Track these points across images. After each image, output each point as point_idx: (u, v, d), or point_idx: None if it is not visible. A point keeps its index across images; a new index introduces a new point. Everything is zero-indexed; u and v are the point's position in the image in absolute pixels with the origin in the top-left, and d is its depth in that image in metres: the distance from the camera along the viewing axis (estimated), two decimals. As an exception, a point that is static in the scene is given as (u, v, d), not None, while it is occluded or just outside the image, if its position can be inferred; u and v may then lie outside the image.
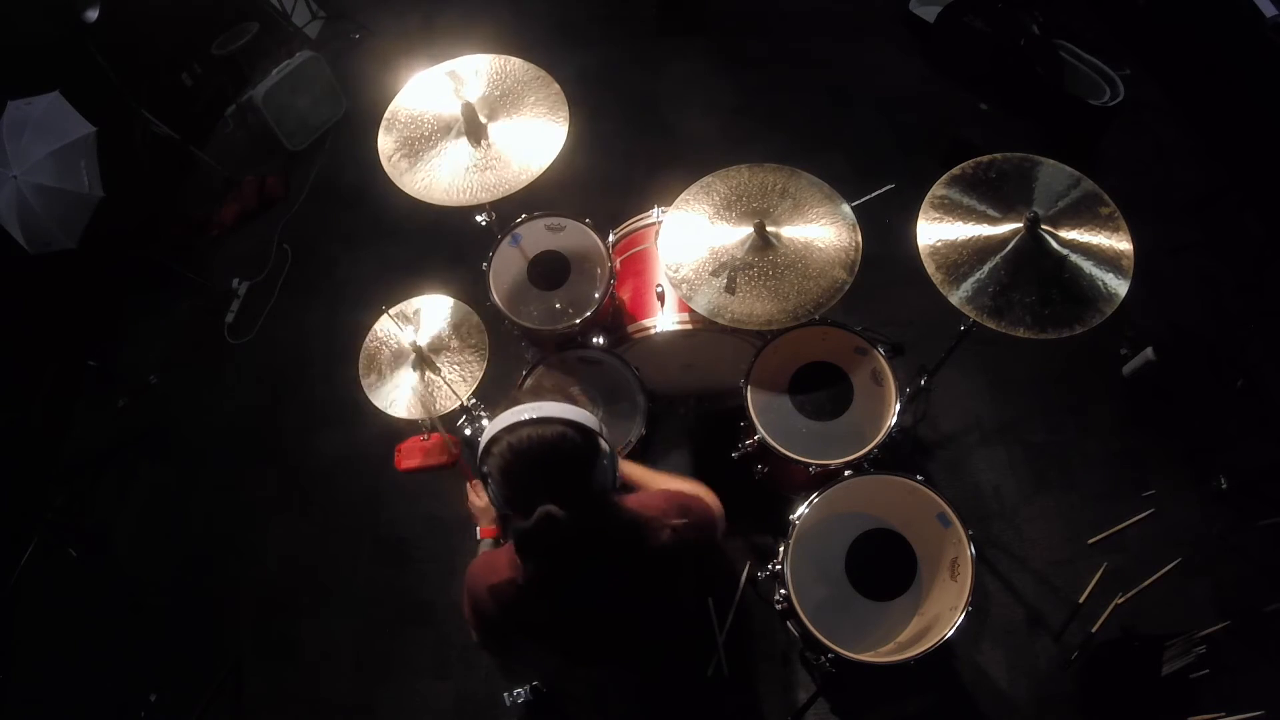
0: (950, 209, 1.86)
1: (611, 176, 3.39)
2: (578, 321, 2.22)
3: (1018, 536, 2.55)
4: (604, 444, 1.26)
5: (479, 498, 1.83)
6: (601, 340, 2.26)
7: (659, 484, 1.62)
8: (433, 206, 1.97)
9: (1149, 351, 2.68)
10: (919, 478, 1.96)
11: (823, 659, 2.02)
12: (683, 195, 2.12)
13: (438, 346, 2.00)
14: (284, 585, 2.79)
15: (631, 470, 1.66)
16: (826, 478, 2.04)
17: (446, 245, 3.20)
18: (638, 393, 2.24)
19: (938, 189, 1.90)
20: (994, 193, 1.86)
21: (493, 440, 1.22)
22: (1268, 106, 2.91)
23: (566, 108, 2.01)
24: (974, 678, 2.34)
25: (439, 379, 1.95)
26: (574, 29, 3.96)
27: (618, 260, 2.37)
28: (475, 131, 1.99)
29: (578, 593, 1.34)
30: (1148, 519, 2.53)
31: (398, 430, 2.03)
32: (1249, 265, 2.93)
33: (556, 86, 2.04)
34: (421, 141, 2.01)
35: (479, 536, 1.79)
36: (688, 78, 3.73)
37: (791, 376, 2.26)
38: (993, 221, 1.82)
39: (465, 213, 2.14)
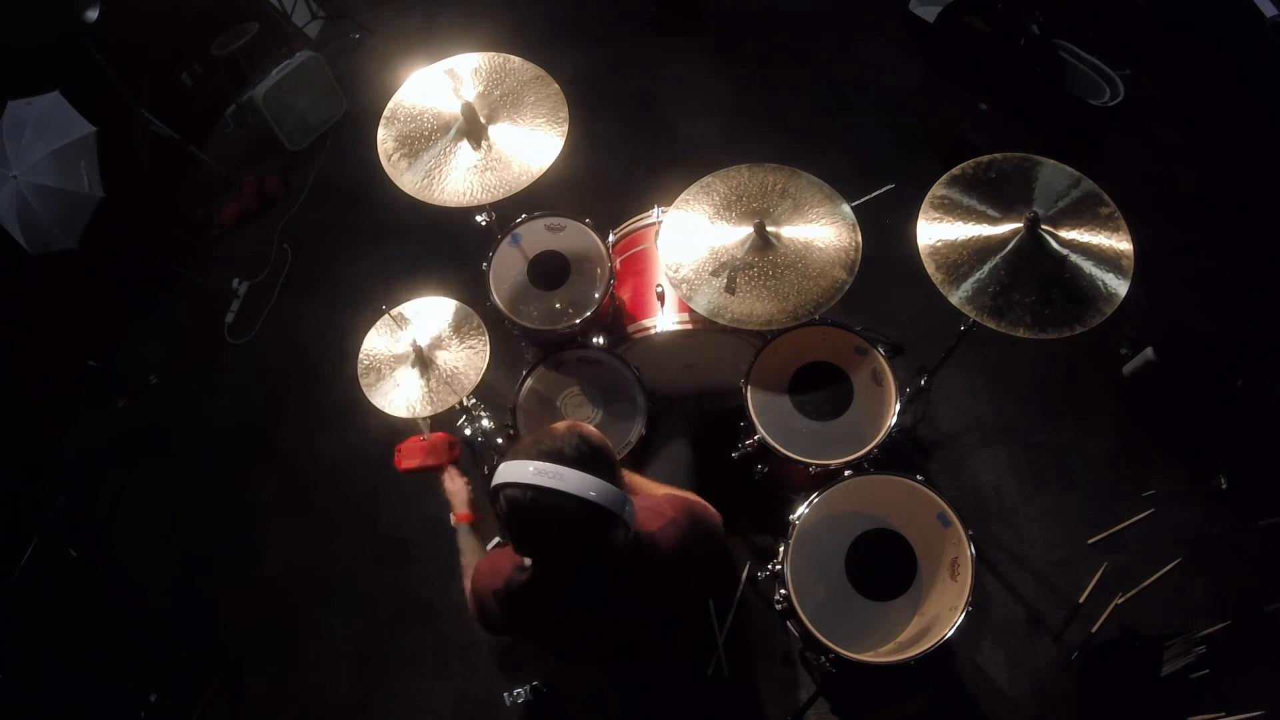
0: (950, 209, 1.86)
1: (611, 176, 3.39)
2: (578, 321, 2.22)
3: (1018, 536, 2.55)
4: (622, 517, 1.18)
5: (453, 481, 1.86)
6: (601, 340, 2.26)
7: (660, 493, 1.61)
8: (432, 206, 1.96)
9: (1149, 351, 2.68)
10: (919, 478, 1.96)
11: (823, 659, 2.01)
12: (683, 195, 2.12)
13: (437, 346, 2.00)
14: (284, 585, 2.79)
15: (633, 481, 1.66)
16: (826, 478, 2.04)
17: (446, 245, 3.20)
18: (638, 393, 2.24)
19: (938, 189, 1.90)
20: (994, 193, 1.86)
21: (502, 485, 1.16)
22: (1268, 106, 2.91)
23: (566, 108, 2.00)
24: (974, 678, 2.34)
25: (438, 378, 1.95)
26: (574, 29, 3.96)
27: (618, 260, 2.37)
28: (475, 132, 1.99)
29: (579, 600, 1.35)
30: (1148, 519, 2.53)
31: (398, 430, 2.02)
32: (1249, 265, 2.93)
33: (556, 86, 2.04)
34: (421, 141, 2.00)
35: (453, 522, 1.80)
36: (688, 78, 3.73)
37: (791, 376, 2.26)
38: (993, 221, 1.82)
39: (465, 213, 2.14)
